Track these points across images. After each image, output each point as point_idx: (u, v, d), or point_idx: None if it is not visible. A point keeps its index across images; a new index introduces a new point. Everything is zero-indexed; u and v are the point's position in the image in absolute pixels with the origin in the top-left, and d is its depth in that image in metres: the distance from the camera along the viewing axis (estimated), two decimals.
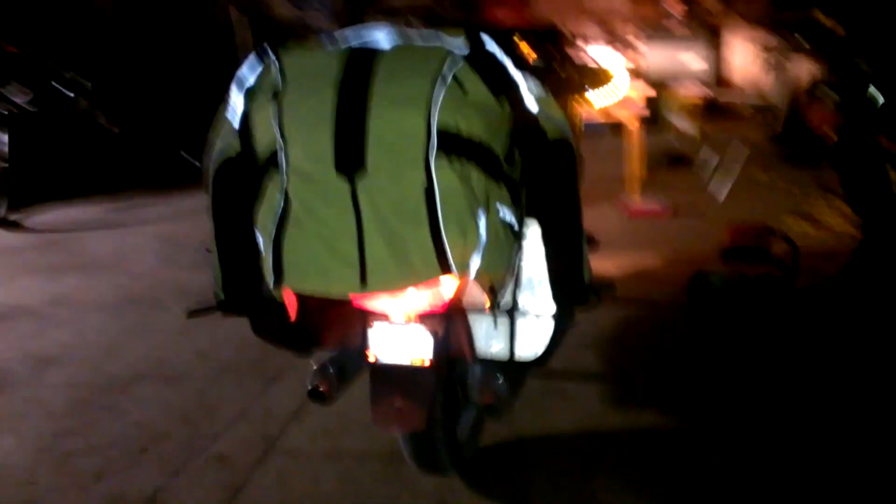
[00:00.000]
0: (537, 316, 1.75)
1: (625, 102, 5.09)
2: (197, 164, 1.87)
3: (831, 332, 2.57)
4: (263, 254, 1.58)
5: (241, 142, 1.60)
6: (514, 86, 1.57)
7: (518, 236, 1.67)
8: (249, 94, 1.59)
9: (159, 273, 4.22)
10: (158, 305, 3.73)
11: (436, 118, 1.44)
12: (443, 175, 1.44)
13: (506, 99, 1.56)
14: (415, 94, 1.46)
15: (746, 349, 2.96)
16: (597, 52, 6.85)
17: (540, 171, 1.61)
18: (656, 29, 7.04)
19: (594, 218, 4.62)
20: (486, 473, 2.31)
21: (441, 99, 1.46)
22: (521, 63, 1.64)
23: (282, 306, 1.73)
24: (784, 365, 2.82)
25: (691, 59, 6.97)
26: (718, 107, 6.86)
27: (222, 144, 1.62)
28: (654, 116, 6.90)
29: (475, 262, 1.51)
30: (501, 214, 1.57)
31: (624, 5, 7.23)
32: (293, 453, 2.46)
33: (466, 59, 1.54)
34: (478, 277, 1.59)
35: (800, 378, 2.72)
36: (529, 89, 1.59)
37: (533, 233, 1.74)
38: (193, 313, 1.83)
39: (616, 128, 5.29)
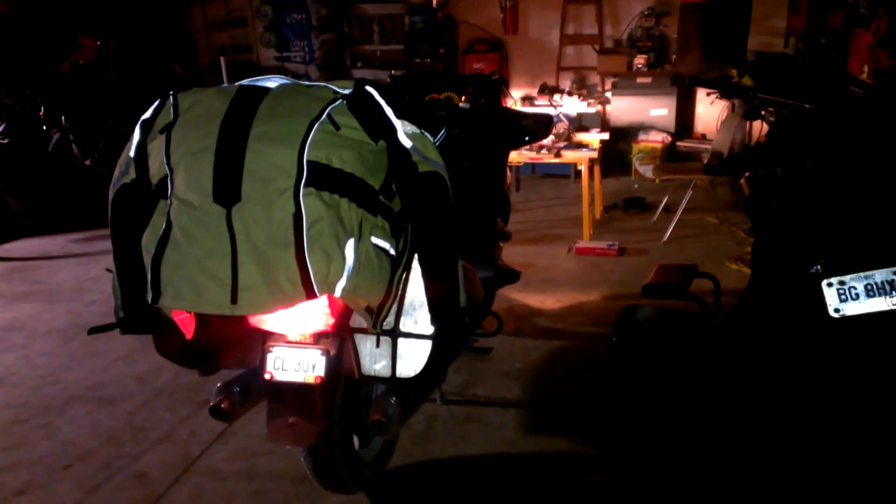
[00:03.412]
0: (417, 336, 1.87)
1: (578, 148, 5.31)
2: None
3: (726, 366, 2.70)
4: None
5: (136, 169, 1.74)
6: (390, 126, 1.72)
7: (398, 263, 1.79)
8: (144, 126, 1.73)
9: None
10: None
11: (307, 154, 1.58)
12: (311, 204, 1.57)
13: (381, 137, 1.71)
14: (291, 131, 1.60)
15: (661, 382, 3.07)
16: (564, 101, 7.12)
17: (412, 202, 1.75)
18: (623, 79, 7.29)
19: (541, 255, 4.84)
20: (393, 494, 2.41)
21: (314, 135, 1.60)
22: (404, 110, 1.78)
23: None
24: (690, 397, 2.93)
25: (654, 108, 7.21)
26: (678, 153, 7.07)
27: (120, 171, 1.76)
28: (617, 161, 7.15)
29: (341, 285, 1.63)
30: (375, 242, 1.70)
31: (593, 58, 7.51)
32: (211, 472, 2.55)
33: (346, 100, 1.69)
34: (348, 299, 1.71)
35: (701, 410, 2.84)
36: (405, 131, 1.73)
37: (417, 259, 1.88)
38: (94, 330, 1.95)
39: (580, 172, 5.47)
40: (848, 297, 1.88)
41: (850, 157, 1.97)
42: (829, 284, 1.91)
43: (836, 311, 1.90)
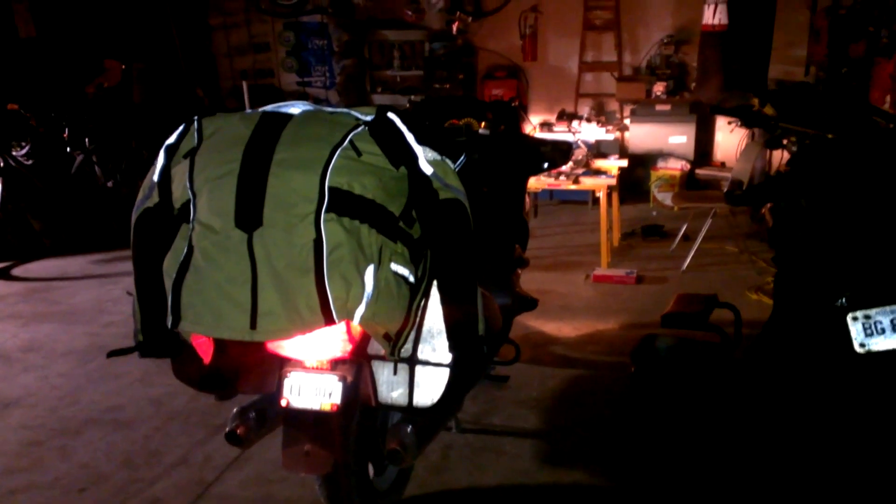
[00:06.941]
0: (435, 365, 1.85)
1: (596, 174, 5.30)
2: None
3: (747, 397, 2.66)
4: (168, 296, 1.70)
5: (159, 193, 1.75)
6: (411, 153, 1.72)
7: (417, 290, 1.78)
8: (168, 151, 1.75)
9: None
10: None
11: (328, 180, 1.58)
12: (331, 230, 1.57)
13: (402, 164, 1.71)
14: (313, 157, 1.61)
15: (680, 413, 3.03)
16: (583, 128, 7.11)
17: (431, 228, 1.74)
18: (641, 106, 7.29)
19: (559, 282, 4.81)
20: None
21: (336, 161, 1.60)
22: (425, 136, 1.78)
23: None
24: (709, 430, 2.89)
25: (673, 135, 7.20)
26: (697, 180, 7.04)
27: (143, 195, 1.78)
28: (636, 188, 7.12)
29: (360, 311, 1.62)
30: (394, 269, 1.69)
31: (612, 85, 7.52)
32: (225, 499, 2.54)
33: (368, 126, 1.70)
34: (367, 326, 1.71)
35: (719, 442, 2.79)
36: (427, 157, 1.73)
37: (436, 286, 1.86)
38: (114, 353, 1.95)
39: (598, 199, 5.46)
40: (874, 332, 1.85)
41: (875, 187, 1.94)
42: (855, 318, 1.87)
43: (862, 345, 1.87)
